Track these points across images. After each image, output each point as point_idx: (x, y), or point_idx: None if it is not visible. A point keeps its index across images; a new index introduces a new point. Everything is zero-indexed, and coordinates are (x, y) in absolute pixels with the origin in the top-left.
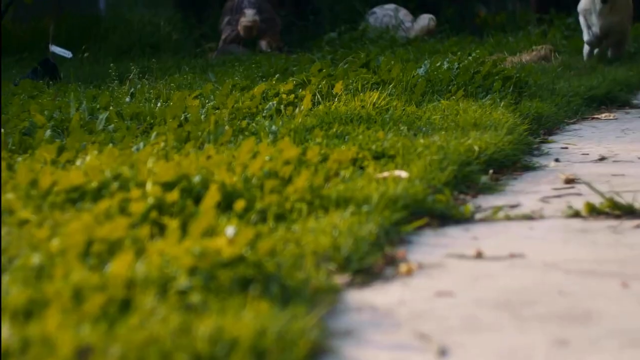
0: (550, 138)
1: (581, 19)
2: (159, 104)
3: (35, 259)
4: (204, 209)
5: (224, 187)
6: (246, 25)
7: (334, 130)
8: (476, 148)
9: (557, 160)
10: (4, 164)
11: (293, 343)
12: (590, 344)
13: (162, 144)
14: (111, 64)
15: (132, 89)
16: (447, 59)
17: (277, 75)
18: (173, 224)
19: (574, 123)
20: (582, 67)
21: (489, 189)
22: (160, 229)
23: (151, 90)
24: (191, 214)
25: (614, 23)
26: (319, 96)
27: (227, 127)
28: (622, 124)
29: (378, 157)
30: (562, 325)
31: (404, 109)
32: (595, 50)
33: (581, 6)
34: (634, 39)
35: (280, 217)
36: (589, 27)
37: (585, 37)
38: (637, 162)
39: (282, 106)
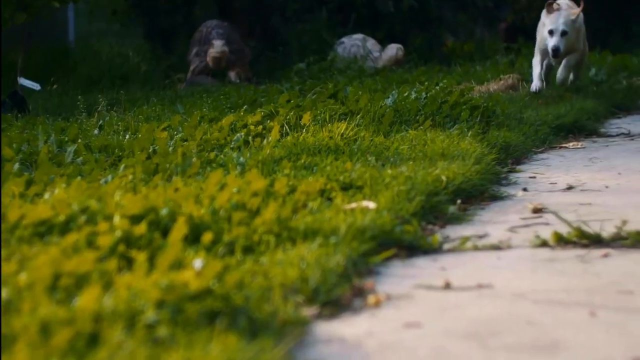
0: (518, 167)
1: (535, 60)
2: (127, 136)
3: (3, 293)
4: (172, 241)
5: (192, 219)
6: (215, 56)
7: (302, 161)
8: (444, 178)
9: (525, 189)
10: None
11: None
12: None
13: (130, 177)
14: (79, 96)
15: (101, 121)
16: (415, 89)
17: (245, 107)
18: (141, 257)
19: (541, 152)
20: (549, 95)
21: (457, 219)
22: (128, 262)
23: (120, 122)
24: (159, 247)
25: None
26: (287, 127)
27: (194, 159)
28: (589, 153)
29: (346, 188)
30: (530, 355)
31: (371, 140)
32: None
33: (538, 46)
34: (599, 69)
35: (248, 250)
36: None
37: (535, 82)
38: (604, 191)
39: (250, 137)
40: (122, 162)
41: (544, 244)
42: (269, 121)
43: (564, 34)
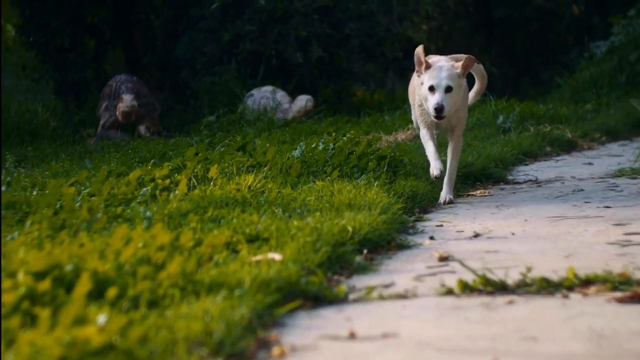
0: (426, 216)
1: (424, 134)
2: (34, 193)
3: None
4: (75, 297)
5: (96, 274)
6: (124, 110)
7: (209, 214)
8: (350, 228)
9: (432, 238)
10: None
11: None
12: None
13: (36, 233)
14: None
15: (8, 178)
16: (323, 140)
17: (153, 161)
18: (44, 313)
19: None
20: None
21: (363, 269)
22: (32, 319)
23: (27, 179)
24: (63, 303)
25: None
26: (194, 180)
27: (101, 215)
28: (496, 200)
29: (252, 240)
30: None
31: (279, 191)
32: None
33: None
34: (507, 116)
35: (152, 304)
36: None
37: (433, 162)
38: (510, 238)
39: (157, 191)
40: (28, 218)
41: (449, 292)
42: (176, 175)
43: (448, 89)
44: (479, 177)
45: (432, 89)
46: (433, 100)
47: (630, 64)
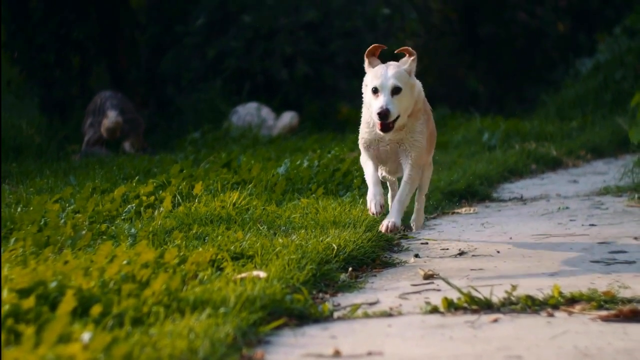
0: (411, 234)
1: (365, 158)
2: (19, 209)
3: None
4: (59, 315)
5: (81, 292)
6: (109, 127)
7: (194, 231)
8: (335, 246)
9: (417, 256)
10: None
11: None
12: None
13: (21, 250)
14: None
15: None
16: (308, 157)
17: (138, 177)
18: (28, 331)
19: (434, 218)
20: (442, 161)
21: (348, 287)
22: (16, 336)
23: (11, 195)
24: (47, 320)
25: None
26: (179, 197)
27: (85, 231)
28: (481, 218)
29: (237, 257)
30: None
31: (264, 208)
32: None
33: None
34: (492, 134)
35: (137, 321)
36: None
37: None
38: (496, 256)
39: (142, 208)
40: (12, 235)
41: (434, 310)
42: (161, 192)
43: (396, 91)
44: (464, 195)
45: (375, 91)
46: (377, 103)
47: (615, 82)
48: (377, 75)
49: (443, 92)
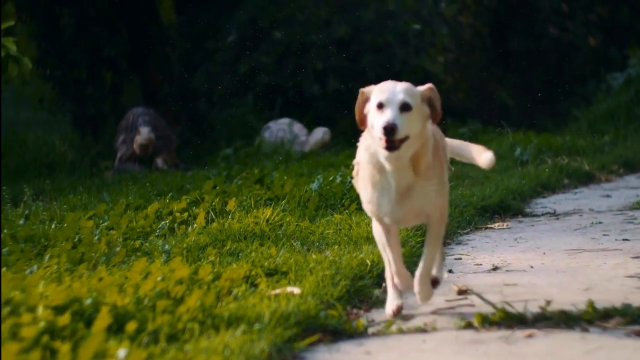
0: (444, 249)
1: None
2: (53, 226)
3: None
4: (95, 331)
5: (116, 309)
6: (142, 143)
7: (227, 247)
8: (368, 262)
9: (450, 271)
10: None
11: None
12: None
13: (55, 267)
14: (4, 187)
15: (27, 211)
16: (340, 173)
17: (171, 194)
18: (64, 348)
19: (467, 233)
20: (474, 176)
21: (382, 303)
22: (52, 353)
23: (45, 212)
24: (82, 337)
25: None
26: (212, 214)
27: (119, 248)
28: (514, 233)
29: (271, 273)
30: None
31: (297, 224)
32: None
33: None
34: (524, 148)
35: (172, 338)
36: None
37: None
38: (529, 271)
39: (175, 225)
40: (47, 252)
41: (468, 325)
42: (194, 208)
43: (405, 107)
44: (496, 210)
45: (381, 106)
46: (381, 118)
47: None
48: (383, 89)
49: (474, 107)
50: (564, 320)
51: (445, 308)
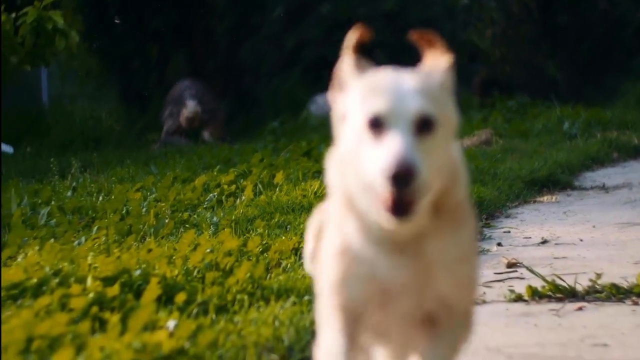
0: (493, 222)
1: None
2: (100, 198)
3: None
4: (144, 303)
5: (165, 280)
6: (188, 116)
7: (276, 220)
8: None
9: (499, 244)
10: None
11: None
12: None
13: (104, 238)
14: (52, 159)
15: (74, 183)
16: None
17: (218, 166)
18: (114, 318)
19: (516, 207)
20: (523, 149)
21: None
22: (101, 324)
23: (93, 184)
24: (132, 308)
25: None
26: (260, 186)
27: (168, 220)
28: (563, 207)
29: None
30: None
31: None
32: None
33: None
34: (572, 123)
35: (221, 309)
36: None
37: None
38: (578, 245)
39: (223, 197)
40: (95, 224)
41: (518, 298)
42: (242, 180)
43: (426, 125)
44: (545, 184)
45: (377, 125)
46: (382, 151)
47: None
48: (379, 91)
49: (521, 81)
50: (615, 293)
51: (495, 281)
